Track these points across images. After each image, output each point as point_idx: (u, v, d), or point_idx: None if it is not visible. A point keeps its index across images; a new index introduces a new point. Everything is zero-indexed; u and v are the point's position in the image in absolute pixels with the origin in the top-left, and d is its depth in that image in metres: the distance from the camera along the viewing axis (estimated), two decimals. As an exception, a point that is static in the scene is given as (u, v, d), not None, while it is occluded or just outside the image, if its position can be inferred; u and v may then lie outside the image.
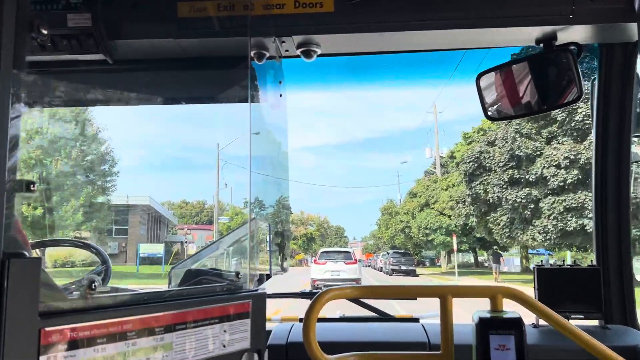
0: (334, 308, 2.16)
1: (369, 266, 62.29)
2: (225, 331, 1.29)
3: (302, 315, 1.38)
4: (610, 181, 2.25)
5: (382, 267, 45.01)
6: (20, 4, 0.87)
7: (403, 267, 37.80)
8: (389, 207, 59.82)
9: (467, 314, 1.49)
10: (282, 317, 2.64)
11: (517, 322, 1.27)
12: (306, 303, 1.43)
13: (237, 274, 1.43)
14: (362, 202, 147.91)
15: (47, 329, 0.91)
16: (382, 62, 2.30)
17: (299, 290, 2.47)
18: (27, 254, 0.92)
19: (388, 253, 43.91)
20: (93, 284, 1.07)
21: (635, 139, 2.25)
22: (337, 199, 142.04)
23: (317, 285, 20.03)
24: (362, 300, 2.40)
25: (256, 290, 1.46)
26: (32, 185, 0.92)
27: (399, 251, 42.48)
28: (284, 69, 2.02)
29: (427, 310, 2.65)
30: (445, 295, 1.34)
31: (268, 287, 1.57)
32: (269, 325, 2.17)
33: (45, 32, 1.01)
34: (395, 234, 48.78)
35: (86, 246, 2.15)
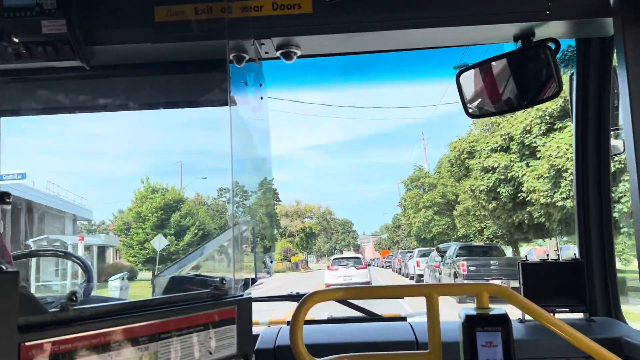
0: (321, 309, 2.15)
1: (388, 267, 46.35)
2: (210, 338, 1.27)
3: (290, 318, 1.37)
4: (591, 175, 2.28)
5: (421, 275, 25.37)
6: None
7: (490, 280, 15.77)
8: (417, 178, 39.62)
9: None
10: (270, 320, 2.63)
11: (503, 318, 1.28)
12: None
13: (222, 279, 1.42)
14: (371, 197, 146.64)
15: (27, 343, 0.89)
16: (374, 60, 2.28)
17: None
18: (4, 267, 0.90)
19: (439, 250, 22.01)
20: (74, 296, 1.04)
21: (614, 132, 2.28)
22: (344, 195, 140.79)
23: None
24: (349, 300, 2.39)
25: (241, 295, 1.44)
26: (6, 197, 0.89)
27: (472, 244, 21.38)
28: (279, 72, 2.01)
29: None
30: (431, 293, 1.35)
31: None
32: (257, 329, 2.16)
33: (16, 40, 0.99)
34: (432, 216, 32.23)
35: (67, 255, 2.11)
